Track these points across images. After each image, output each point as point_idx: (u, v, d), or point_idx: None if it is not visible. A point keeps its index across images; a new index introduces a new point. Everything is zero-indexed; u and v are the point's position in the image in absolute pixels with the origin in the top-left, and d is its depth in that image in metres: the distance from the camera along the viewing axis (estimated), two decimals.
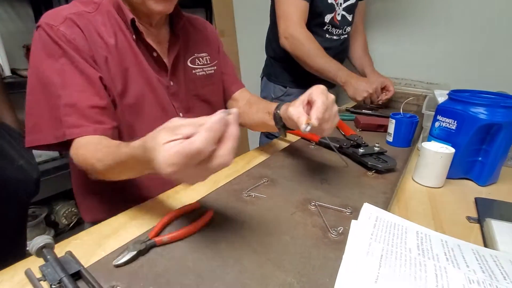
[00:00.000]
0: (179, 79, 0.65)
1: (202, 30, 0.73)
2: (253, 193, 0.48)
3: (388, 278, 0.29)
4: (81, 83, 0.51)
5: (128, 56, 0.57)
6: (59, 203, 1.50)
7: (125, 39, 0.57)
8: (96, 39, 0.53)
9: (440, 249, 0.35)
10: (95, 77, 0.52)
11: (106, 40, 0.54)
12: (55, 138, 0.52)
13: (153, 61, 0.61)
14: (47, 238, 0.35)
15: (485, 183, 0.58)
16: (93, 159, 0.46)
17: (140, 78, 0.58)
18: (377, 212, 0.42)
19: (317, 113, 0.43)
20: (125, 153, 0.39)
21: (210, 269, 0.33)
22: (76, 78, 0.51)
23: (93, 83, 0.52)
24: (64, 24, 0.51)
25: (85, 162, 0.48)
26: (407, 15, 1.27)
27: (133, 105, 0.58)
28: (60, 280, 0.30)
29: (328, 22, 1.03)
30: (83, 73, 0.51)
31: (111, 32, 0.55)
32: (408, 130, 0.71)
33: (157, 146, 0.30)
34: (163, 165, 0.29)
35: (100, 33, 0.54)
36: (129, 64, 0.57)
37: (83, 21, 0.53)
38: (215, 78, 0.73)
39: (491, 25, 1.11)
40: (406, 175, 0.61)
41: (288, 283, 0.31)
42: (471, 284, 0.28)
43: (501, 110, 0.53)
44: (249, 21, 1.79)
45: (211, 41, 0.74)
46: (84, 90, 0.51)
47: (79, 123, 0.51)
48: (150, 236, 0.36)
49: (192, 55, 0.68)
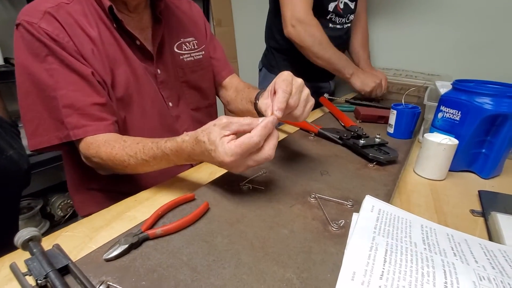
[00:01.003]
0: (167, 66, 0.63)
1: (187, 12, 0.69)
2: (251, 185, 0.46)
3: (395, 274, 0.28)
4: (74, 81, 0.49)
5: (112, 47, 0.54)
6: (55, 195, 1.48)
7: (107, 29, 0.54)
8: (78, 33, 0.51)
9: (447, 243, 0.33)
10: (87, 73, 0.50)
11: (89, 32, 0.51)
12: (59, 139, 0.51)
13: (137, 49, 0.58)
14: (34, 231, 0.33)
15: (489, 176, 0.56)
16: (124, 156, 0.47)
17: (126, 69, 0.55)
18: (380, 204, 0.40)
19: (278, 104, 0.42)
20: (169, 147, 0.43)
21: (206, 263, 0.31)
22: (68, 77, 0.49)
23: (87, 80, 0.50)
24: (44, 20, 0.48)
25: (113, 159, 0.48)
26: (408, 5, 1.24)
27: (123, 98, 0.55)
28: (46, 275, 0.28)
29: (332, 11, 1.00)
30: (75, 71, 0.49)
31: (93, 23, 0.52)
32: (410, 121, 0.69)
33: (216, 139, 0.37)
34: (224, 155, 0.36)
35: (82, 25, 0.51)
36: (114, 54, 0.54)
37: (63, 14, 0.50)
38: (204, 63, 0.70)
39: (493, 17, 1.09)
40: (408, 167, 0.59)
41: (287, 279, 0.30)
42: (482, 281, 0.27)
43: (507, 100, 0.51)
44: (247, 10, 1.75)
45: (198, 24, 0.71)
46: (79, 89, 0.49)
47: (81, 123, 0.50)
48: (143, 229, 0.35)
49: (178, 40, 0.65)
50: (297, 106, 0.46)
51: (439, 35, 1.20)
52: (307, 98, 0.47)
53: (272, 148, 0.38)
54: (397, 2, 1.26)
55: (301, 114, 0.47)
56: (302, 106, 0.46)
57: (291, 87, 0.44)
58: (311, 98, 0.49)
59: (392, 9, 1.27)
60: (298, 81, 0.46)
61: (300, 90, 0.46)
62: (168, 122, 0.63)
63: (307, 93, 0.47)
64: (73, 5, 0.52)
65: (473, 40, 1.15)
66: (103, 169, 0.54)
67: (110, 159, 0.48)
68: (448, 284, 0.27)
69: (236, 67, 1.87)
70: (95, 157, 0.49)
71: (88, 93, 0.50)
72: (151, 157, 0.45)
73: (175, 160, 0.45)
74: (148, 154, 0.45)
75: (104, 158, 0.49)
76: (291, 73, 0.46)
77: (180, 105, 0.66)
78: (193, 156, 0.42)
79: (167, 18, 0.63)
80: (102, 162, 0.49)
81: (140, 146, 0.46)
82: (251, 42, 1.77)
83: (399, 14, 1.27)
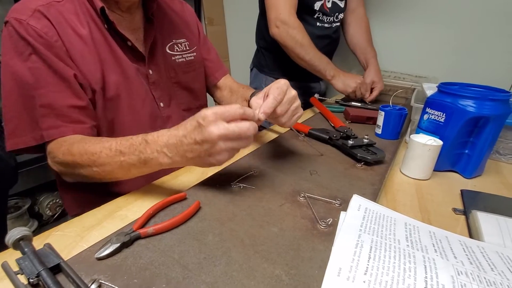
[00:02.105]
0: (159, 67, 0.63)
1: (180, 13, 0.69)
2: (242, 184, 0.47)
3: (378, 270, 0.29)
4: (56, 82, 0.48)
5: (102, 47, 0.54)
6: (43, 194, 1.46)
7: (98, 29, 0.54)
8: (68, 32, 0.50)
9: (429, 240, 0.35)
10: (69, 75, 0.49)
11: (79, 31, 0.51)
12: (34, 140, 0.50)
13: (129, 50, 0.58)
14: (25, 230, 0.33)
15: (471, 176, 0.59)
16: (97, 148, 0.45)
17: (117, 69, 0.55)
18: (366, 203, 0.41)
19: (264, 108, 0.44)
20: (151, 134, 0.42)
21: (197, 261, 0.32)
22: (49, 77, 0.48)
23: (68, 82, 0.49)
24: (33, 18, 0.48)
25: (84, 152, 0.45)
26: (397, 8, 1.26)
27: (113, 99, 0.55)
28: (38, 274, 0.29)
29: (318, 10, 1.01)
30: (57, 72, 0.48)
31: (84, 22, 0.52)
32: (397, 122, 0.71)
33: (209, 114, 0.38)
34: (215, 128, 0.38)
35: (73, 25, 0.51)
36: (104, 55, 0.54)
37: (53, 13, 0.49)
38: (196, 65, 0.70)
39: (479, 20, 1.13)
40: (394, 167, 0.61)
41: (276, 275, 0.31)
42: (459, 276, 0.28)
43: (489, 103, 0.53)
44: (239, 9, 1.75)
45: (190, 25, 0.71)
46: (59, 90, 0.49)
47: (57, 123, 0.49)
48: (135, 228, 0.35)
49: (170, 41, 0.65)
50: (284, 115, 0.48)
51: (427, 37, 1.23)
52: (296, 109, 0.49)
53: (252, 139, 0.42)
54: (385, 6, 1.28)
55: (287, 122, 0.49)
56: (289, 116, 0.49)
57: (283, 96, 0.46)
58: (301, 109, 0.51)
59: (380, 12, 1.30)
60: (292, 92, 0.48)
61: (291, 102, 0.48)
62: (158, 122, 0.63)
63: (297, 105, 0.49)
64: (65, 4, 0.51)
65: (459, 43, 1.18)
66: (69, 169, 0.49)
67: (80, 152, 0.45)
68: (428, 278, 0.28)
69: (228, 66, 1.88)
70: (66, 154, 0.47)
71: (67, 95, 0.49)
72: (126, 147, 0.43)
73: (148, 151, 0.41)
74: (124, 144, 0.43)
75: (75, 153, 0.46)
76: (288, 82, 0.48)
77: (171, 105, 0.66)
78: (174, 139, 0.40)
79: (159, 19, 0.63)
80: (70, 160, 0.47)
81: (118, 139, 0.45)
82: (242, 42, 1.77)
83: (387, 17, 1.29)
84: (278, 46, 1.03)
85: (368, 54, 1.11)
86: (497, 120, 0.54)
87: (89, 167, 0.46)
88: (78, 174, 0.49)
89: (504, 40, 1.10)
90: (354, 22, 1.14)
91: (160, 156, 0.41)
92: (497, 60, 1.13)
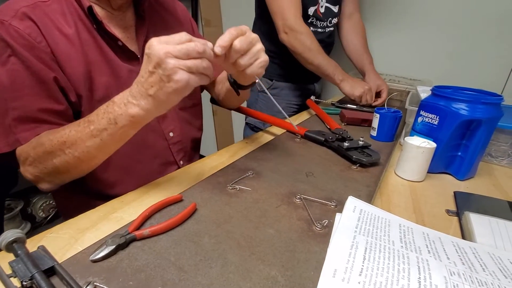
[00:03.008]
0: None
1: (173, 12, 0.68)
2: (238, 186, 0.47)
3: (373, 271, 0.29)
4: (32, 85, 0.47)
5: (91, 48, 0.52)
6: (36, 195, 1.44)
7: (86, 29, 0.52)
8: (54, 33, 0.49)
9: (422, 241, 0.35)
10: (48, 78, 0.47)
11: (66, 32, 0.50)
12: (8, 146, 0.48)
13: (120, 50, 0.56)
14: (18, 232, 0.32)
15: (464, 177, 0.59)
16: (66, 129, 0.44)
17: (107, 70, 0.54)
18: (361, 205, 0.42)
19: (220, 41, 0.41)
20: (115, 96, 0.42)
21: (193, 263, 0.32)
22: (27, 80, 0.46)
23: (45, 85, 0.47)
24: (16, 18, 0.46)
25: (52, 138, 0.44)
26: (392, 12, 1.28)
27: (102, 100, 0.53)
28: (32, 277, 0.28)
29: (312, 15, 1.02)
30: (35, 74, 0.47)
31: (71, 22, 0.50)
32: (392, 124, 0.72)
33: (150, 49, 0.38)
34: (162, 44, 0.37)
35: (59, 25, 0.49)
36: (93, 55, 0.52)
37: (38, 14, 0.48)
38: None
39: (472, 24, 1.15)
40: (389, 169, 0.62)
41: (272, 277, 0.31)
42: (452, 276, 0.29)
43: (481, 106, 0.54)
44: (236, 10, 1.75)
45: (184, 23, 0.70)
46: (35, 93, 0.47)
47: (31, 126, 0.47)
48: (130, 230, 0.35)
49: None
50: (245, 55, 0.45)
51: (421, 41, 1.25)
52: (258, 52, 0.46)
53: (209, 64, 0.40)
54: (380, 10, 1.30)
55: (249, 66, 0.46)
56: (251, 57, 0.45)
57: (240, 32, 0.43)
58: (265, 55, 0.47)
59: (376, 16, 1.31)
60: (252, 34, 0.45)
61: (252, 43, 0.45)
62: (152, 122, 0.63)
63: (259, 48, 0.46)
64: (51, 4, 0.50)
65: (452, 47, 1.20)
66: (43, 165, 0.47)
67: (49, 138, 0.45)
68: (421, 279, 0.28)
69: None
70: (36, 147, 0.46)
71: (43, 99, 0.48)
72: (93, 114, 0.43)
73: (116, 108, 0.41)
74: (91, 115, 0.43)
75: (44, 141, 0.45)
76: (247, 27, 0.46)
77: None
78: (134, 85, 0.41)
79: (150, 16, 0.62)
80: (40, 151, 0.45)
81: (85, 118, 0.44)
82: None
83: (383, 21, 1.31)
84: (273, 48, 1.03)
85: (365, 60, 1.13)
86: (489, 123, 0.55)
87: (61, 151, 0.44)
88: (53, 168, 0.46)
89: (496, 44, 1.12)
90: (350, 28, 1.16)
91: (128, 107, 0.41)
92: (489, 64, 1.15)
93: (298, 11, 0.94)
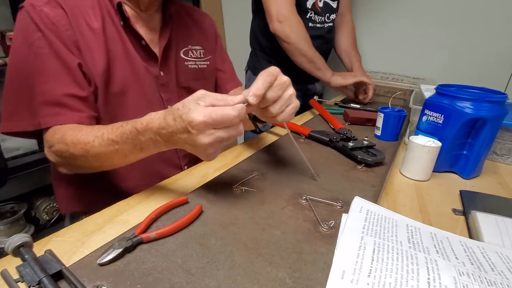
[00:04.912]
0: (170, 70, 0.63)
1: (200, 22, 0.70)
2: (243, 187, 0.47)
3: (382, 272, 0.29)
4: (58, 70, 0.49)
5: (114, 43, 0.54)
6: (40, 198, 1.44)
7: (113, 25, 0.54)
8: (81, 23, 0.51)
9: (430, 241, 0.35)
10: (74, 64, 0.49)
11: (92, 25, 0.52)
12: (31, 126, 0.50)
13: (142, 49, 0.58)
14: (25, 237, 0.32)
15: (469, 176, 0.59)
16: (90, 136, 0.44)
17: (127, 66, 0.56)
18: (368, 205, 0.42)
19: (253, 90, 0.39)
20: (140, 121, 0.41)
21: (200, 265, 0.32)
22: (53, 64, 0.48)
23: (70, 71, 0.49)
24: (48, 5, 0.48)
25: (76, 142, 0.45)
26: (395, 10, 1.28)
27: (118, 94, 0.55)
28: (40, 281, 0.28)
29: (310, 8, 1.01)
30: (61, 60, 0.49)
31: (99, 16, 0.53)
32: (396, 124, 0.71)
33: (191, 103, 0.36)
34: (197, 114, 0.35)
35: (86, 18, 0.52)
36: (115, 50, 0.54)
37: (69, 4, 0.50)
38: (207, 73, 0.70)
39: (475, 21, 1.14)
40: (394, 168, 0.62)
41: (280, 279, 0.31)
42: (461, 276, 0.29)
43: (486, 104, 0.54)
44: (237, 12, 1.75)
45: (208, 35, 0.72)
46: (61, 78, 0.49)
47: (54, 111, 0.48)
48: (137, 233, 0.35)
49: (186, 46, 0.66)
50: (276, 102, 0.43)
51: (424, 39, 1.25)
52: (289, 98, 0.44)
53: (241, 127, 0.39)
54: (383, 7, 1.29)
55: (281, 113, 0.43)
56: (282, 104, 0.43)
57: (273, 78, 0.41)
58: (296, 100, 0.45)
59: (378, 14, 1.31)
60: (283, 78, 0.43)
61: (283, 88, 0.43)
62: None
63: (290, 93, 0.44)
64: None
65: (455, 45, 1.20)
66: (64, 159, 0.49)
67: (73, 142, 0.46)
68: (430, 280, 0.28)
69: None
70: (60, 142, 0.47)
71: (68, 83, 0.49)
72: (118, 135, 0.42)
73: (142, 139, 0.41)
74: (115, 132, 0.43)
75: (68, 142, 0.46)
76: (278, 69, 0.43)
77: None
78: (162, 130, 0.39)
79: (177, 22, 0.64)
80: (64, 149, 0.46)
81: (109, 127, 0.44)
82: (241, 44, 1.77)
83: (385, 19, 1.31)
84: (271, 46, 1.03)
85: (353, 58, 1.14)
86: (494, 121, 0.55)
87: (84, 157, 0.46)
88: (74, 164, 0.49)
89: (499, 41, 1.11)
90: (340, 26, 1.17)
91: (155, 143, 0.41)
92: (492, 61, 1.14)
93: (292, 2, 0.94)
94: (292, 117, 0.46)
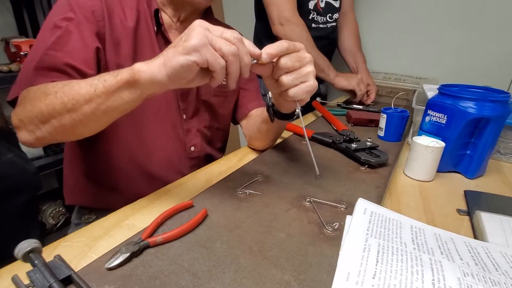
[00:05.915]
0: None
1: None
2: (248, 190, 0.47)
3: (386, 273, 0.29)
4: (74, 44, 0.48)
5: (144, 45, 0.55)
6: (46, 202, 1.46)
7: (147, 28, 0.56)
8: (114, 20, 0.52)
9: (434, 242, 0.35)
10: (91, 46, 0.50)
11: (125, 25, 0.53)
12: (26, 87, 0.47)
13: None
14: (34, 242, 0.33)
15: (473, 176, 0.59)
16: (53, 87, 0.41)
17: None
18: (372, 207, 0.42)
19: (268, 49, 0.37)
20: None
21: (206, 269, 0.32)
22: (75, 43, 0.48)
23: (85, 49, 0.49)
24: None
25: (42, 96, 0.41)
26: (397, 10, 1.28)
27: None
28: (50, 286, 0.29)
29: (312, 9, 1.02)
30: (80, 36, 0.49)
31: (134, 18, 0.54)
32: (399, 124, 0.71)
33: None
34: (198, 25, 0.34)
35: (121, 17, 0.53)
36: (144, 52, 0.55)
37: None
38: (229, 92, 0.70)
39: (478, 21, 1.14)
40: (397, 169, 0.62)
41: (286, 281, 0.31)
42: (466, 277, 0.29)
43: (489, 104, 0.54)
44: (239, 14, 1.76)
45: None
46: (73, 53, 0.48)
47: (52, 75, 0.47)
48: (143, 237, 0.36)
49: None
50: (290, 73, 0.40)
51: (427, 39, 1.24)
52: (306, 75, 0.40)
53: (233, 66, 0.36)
54: (386, 7, 1.29)
55: (293, 87, 0.41)
56: (297, 77, 0.40)
57: (292, 47, 0.39)
58: (314, 80, 0.41)
59: (381, 14, 1.31)
60: (305, 53, 0.41)
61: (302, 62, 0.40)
62: (178, 131, 0.64)
63: (309, 70, 0.41)
64: None
65: (457, 45, 1.19)
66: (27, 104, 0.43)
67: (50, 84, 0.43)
68: (435, 281, 0.28)
69: None
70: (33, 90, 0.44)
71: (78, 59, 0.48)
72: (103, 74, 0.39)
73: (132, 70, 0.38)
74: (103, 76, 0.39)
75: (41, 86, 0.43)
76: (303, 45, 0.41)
77: (193, 120, 0.66)
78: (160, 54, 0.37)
79: None
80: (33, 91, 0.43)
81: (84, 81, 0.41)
82: None
83: (388, 19, 1.30)
84: None
85: (358, 59, 1.13)
86: (498, 121, 0.55)
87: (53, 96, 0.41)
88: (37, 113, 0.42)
89: (502, 41, 1.11)
90: (344, 26, 1.16)
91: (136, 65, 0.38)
92: (495, 61, 1.14)
93: (294, 4, 0.94)
94: (306, 97, 0.43)
